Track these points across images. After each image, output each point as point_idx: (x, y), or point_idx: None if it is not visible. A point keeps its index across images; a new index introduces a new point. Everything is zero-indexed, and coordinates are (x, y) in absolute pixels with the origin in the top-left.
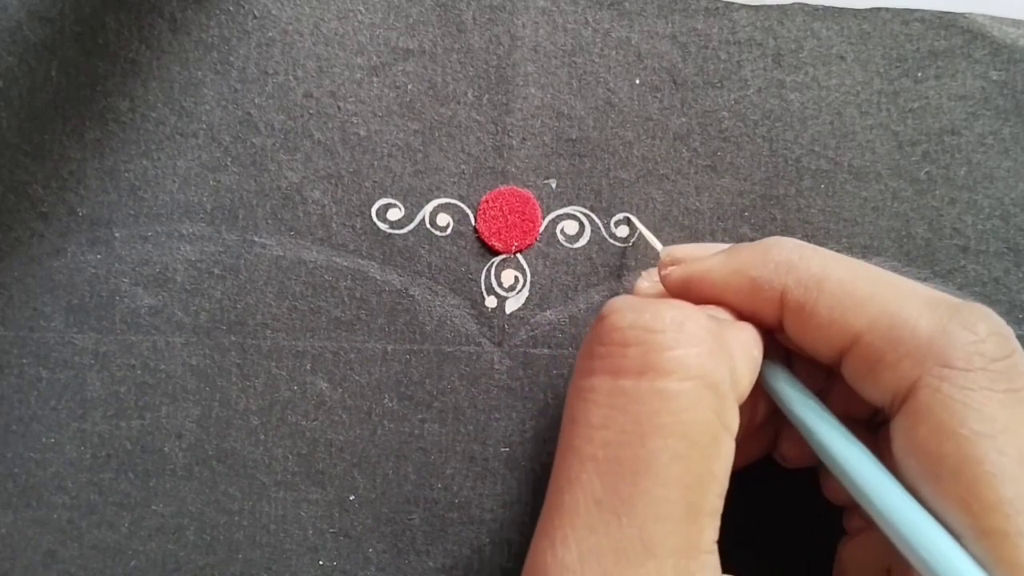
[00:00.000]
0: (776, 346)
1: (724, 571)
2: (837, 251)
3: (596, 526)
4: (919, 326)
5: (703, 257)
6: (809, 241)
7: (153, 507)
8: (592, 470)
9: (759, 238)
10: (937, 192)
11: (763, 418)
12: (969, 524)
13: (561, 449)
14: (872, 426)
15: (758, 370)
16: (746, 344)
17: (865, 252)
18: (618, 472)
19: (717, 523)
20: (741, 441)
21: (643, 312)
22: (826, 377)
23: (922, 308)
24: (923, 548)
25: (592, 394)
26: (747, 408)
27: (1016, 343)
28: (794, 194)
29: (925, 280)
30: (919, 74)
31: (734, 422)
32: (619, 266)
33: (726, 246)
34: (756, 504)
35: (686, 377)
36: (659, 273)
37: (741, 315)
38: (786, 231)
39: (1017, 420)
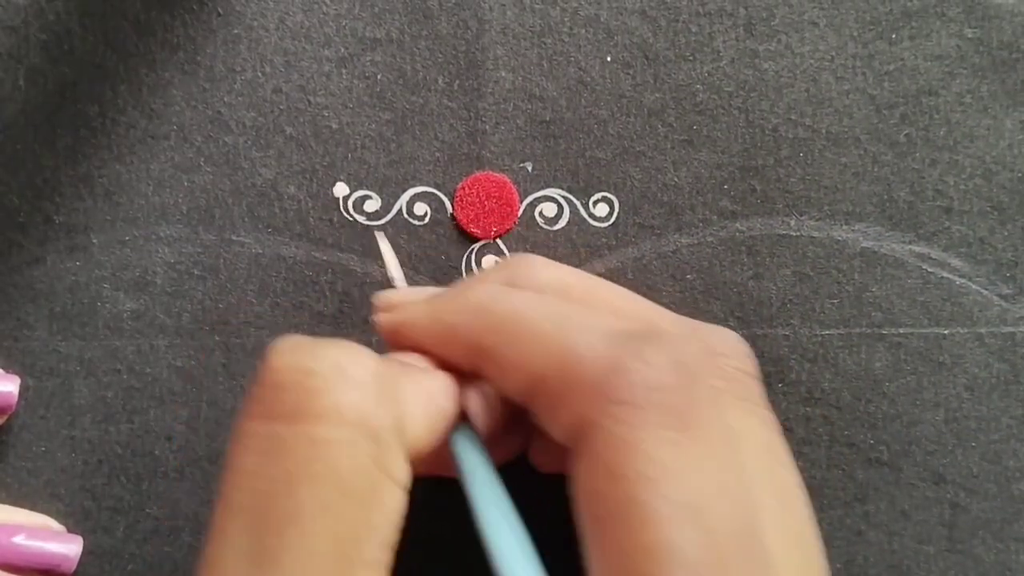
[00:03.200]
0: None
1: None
2: (818, 219)
3: None
4: (594, 360)
5: (410, 302)
6: (791, 210)
7: (147, 510)
8: (241, 522)
9: (739, 211)
10: (917, 154)
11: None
12: (625, 568)
13: (218, 497)
14: None
15: (447, 420)
16: (430, 392)
17: (848, 219)
18: (265, 524)
19: (382, 572)
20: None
21: (303, 353)
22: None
23: (599, 341)
24: None
25: (246, 439)
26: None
27: (700, 368)
28: (773, 164)
29: (909, 244)
30: (893, 36)
31: (400, 472)
32: (599, 246)
33: (436, 290)
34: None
35: (341, 423)
36: (372, 318)
37: (443, 364)
38: (766, 202)
39: (683, 459)
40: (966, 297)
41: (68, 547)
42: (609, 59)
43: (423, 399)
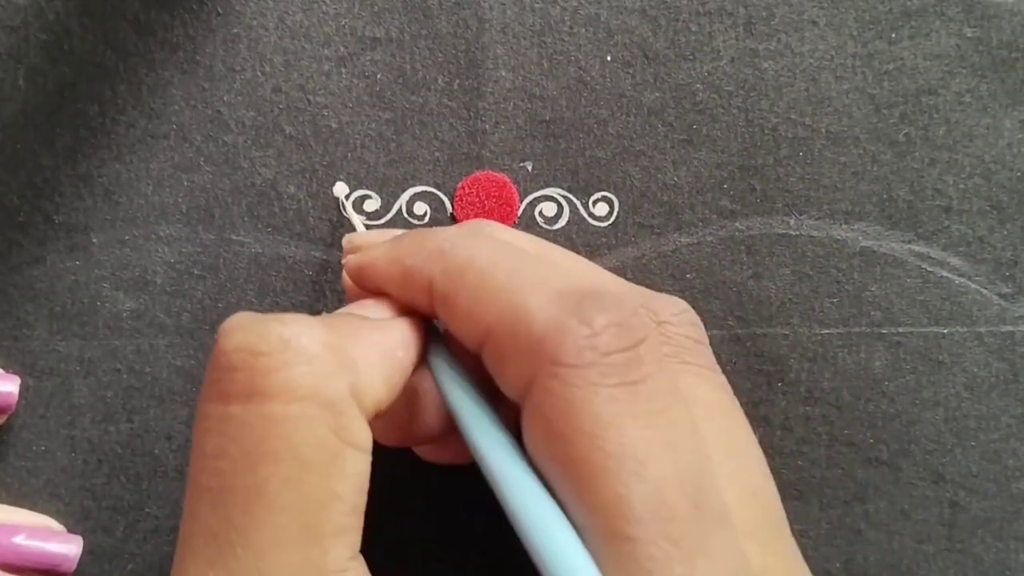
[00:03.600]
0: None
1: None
2: (818, 218)
3: (214, 560)
4: (536, 320)
5: (374, 245)
6: (790, 209)
7: (147, 510)
8: (208, 501)
9: (739, 210)
10: (917, 153)
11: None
12: (588, 527)
13: (187, 480)
14: None
15: (405, 370)
16: (383, 347)
17: (847, 218)
18: (231, 502)
19: (351, 539)
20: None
21: (250, 332)
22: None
23: (547, 300)
24: (543, 549)
25: (205, 422)
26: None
27: (647, 330)
28: (772, 163)
29: (909, 243)
30: (893, 35)
31: (361, 436)
32: (599, 245)
33: (400, 232)
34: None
35: (294, 398)
36: (342, 260)
37: (402, 306)
38: (765, 201)
39: (627, 414)
40: (965, 296)
41: (68, 547)
42: (609, 58)
43: (377, 356)
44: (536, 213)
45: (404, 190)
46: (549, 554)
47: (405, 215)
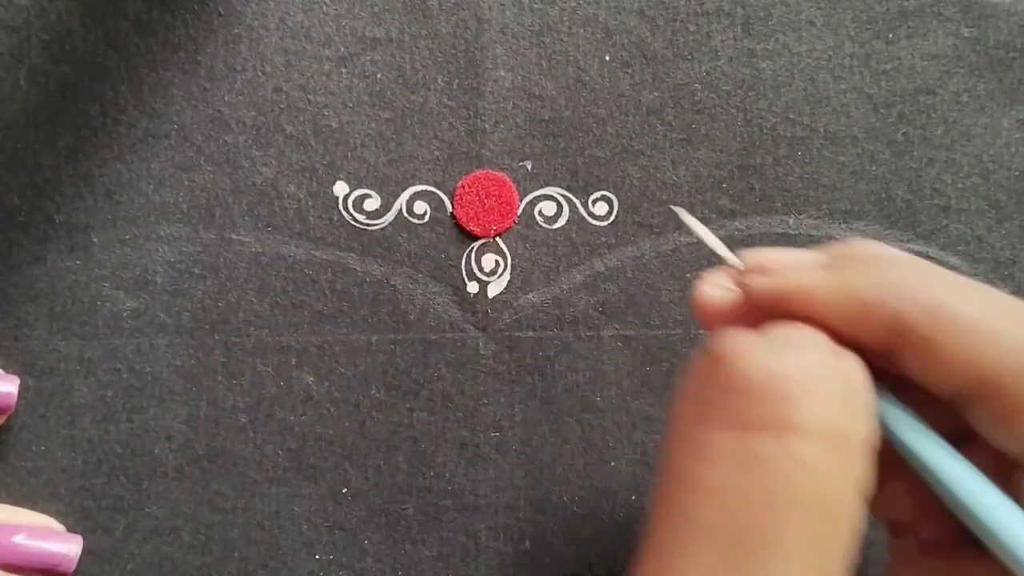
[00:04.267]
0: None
1: None
2: (817, 217)
3: None
4: None
5: (799, 269)
6: (789, 208)
7: (146, 509)
8: (708, 539)
9: (738, 209)
10: (915, 153)
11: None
12: None
13: (666, 509)
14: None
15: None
16: (867, 382)
17: (846, 217)
18: (738, 544)
19: None
20: None
21: (768, 352)
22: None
23: None
24: None
25: (706, 448)
26: None
27: None
28: (771, 163)
29: (908, 242)
30: (890, 35)
31: (867, 481)
32: (599, 245)
33: (816, 255)
34: None
35: (821, 436)
36: (736, 282)
37: (842, 341)
38: (764, 200)
39: None
40: None
41: (68, 547)
42: (608, 58)
43: (865, 393)
44: (536, 212)
45: (404, 189)
46: None
47: (405, 214)
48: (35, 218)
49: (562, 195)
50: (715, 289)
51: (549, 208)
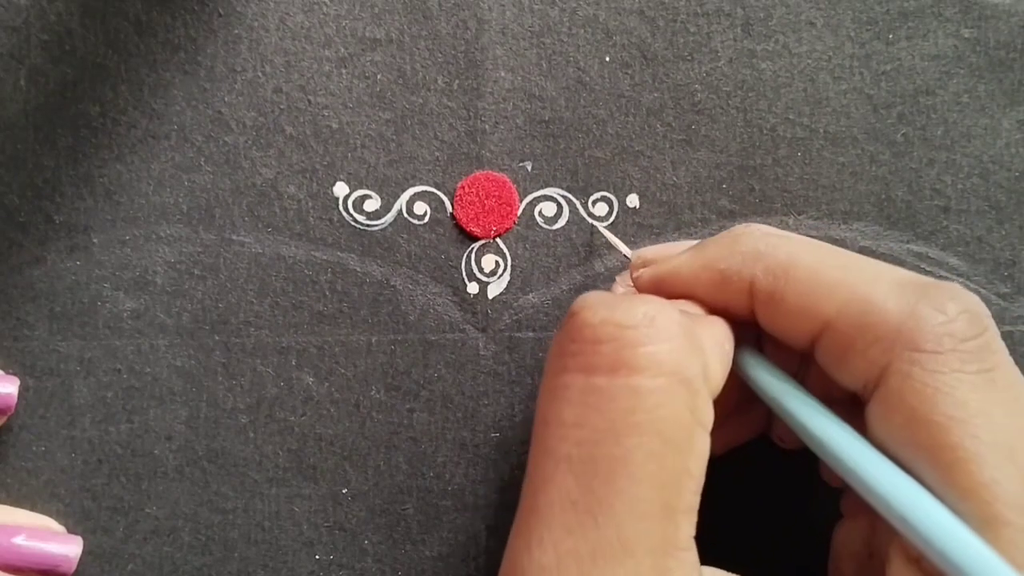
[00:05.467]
0: (747, 335)
1: (720, 558)
2: (816, 218)
3: (572, 527)
4: (887, 309)
5: (672, 256)
6: (789, 209)
7: (147, 510)
8: (567, 470)
9: (738, 210)
10: (915, 154)
11: (735, 405)
12: (968, 511)
13: (535, 449)
14: (851, 406)
15: (730, 363)
16: (717, 338)
17: (846, 218)
18: (593, 471)
19: (694, 519)
20: (717, 428)
21: (615, 308)
22: (800, 360)
23: (890, 291)
24: (927, 528)
25: (565, 392)
26: (720, 396)
27: (989, 321)
28: (771, 163)
29: (907, 243)
30: (890, 36)
31: (708, 417)
32: (599, 246)
33: (692, 243)
34: (754, 487)
35: (659, 373)
36: (631, 276)
37: (712, 308)
38: (764, 201)
39: (990, 401)
40: None
41: (68, 547)
42: (608, 59)
43: (714, 345)
44: (536, 213)
45: (404, 190)
46: (937, 529)
47: (405, 215)
48: (35, 218)
49: (562, 196)
50: (620, 287)
51: (549, 209)
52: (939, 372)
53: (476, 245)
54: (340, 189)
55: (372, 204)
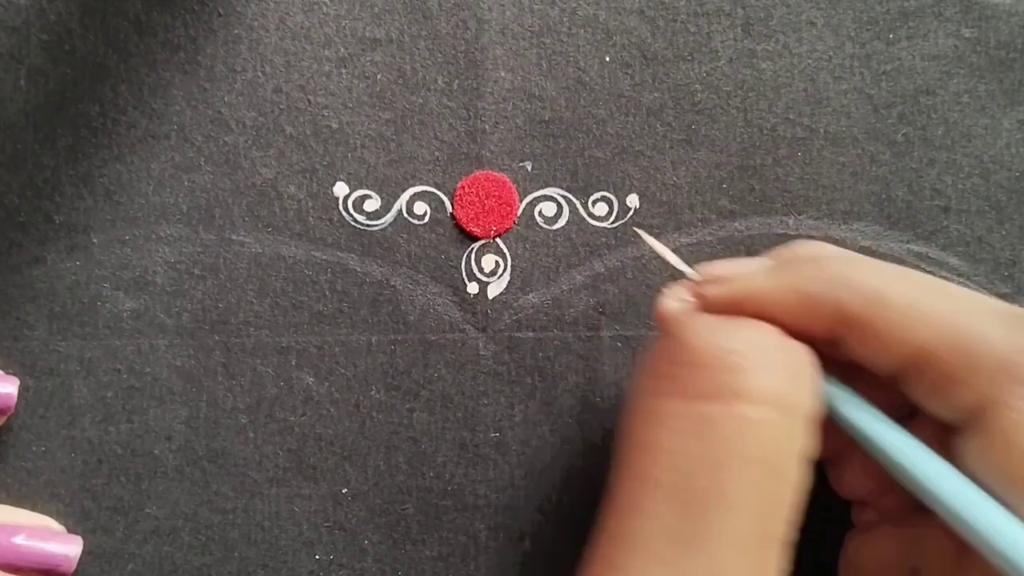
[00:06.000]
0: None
1: None
2: (816, 218)
3: (665, 557)
4: (990, 340)
5: (748, 274)
6: (789, 209)
7: (146, 510)
8: (662, 498)
9: (738, 210)
10: (915, 154)
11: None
12: None
13: (624, 472)
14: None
15: (820, 392)
16: (810, 362)
17: (846, 218)
18: (690, 500)
19: (786, 550)
20: None
21: (717, 331)
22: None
23: (992, 321)
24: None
25: (663, 417)
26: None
27: None
28: (771, 163)
29: (907, 243)
30: (891, 36)
31: (809, 446)
32: (599, 246)
33: (761, 261)
34: None
35: (763, 401)
36: (694, 293)
37: (792, 332)
38: (764, 201)
39: None
40: None
41: (68, 547)
42: (608, 59)
43: (813, 372)
44: (536, 213)
45: (404, 190)
46: None
47: (405, 215)
48: (35, 218)
49: (562, 196)
50: (675, 302)
51: (549, 209)
52: None
53: (476, 245)
54: (340, 189)
55: (372, 204)
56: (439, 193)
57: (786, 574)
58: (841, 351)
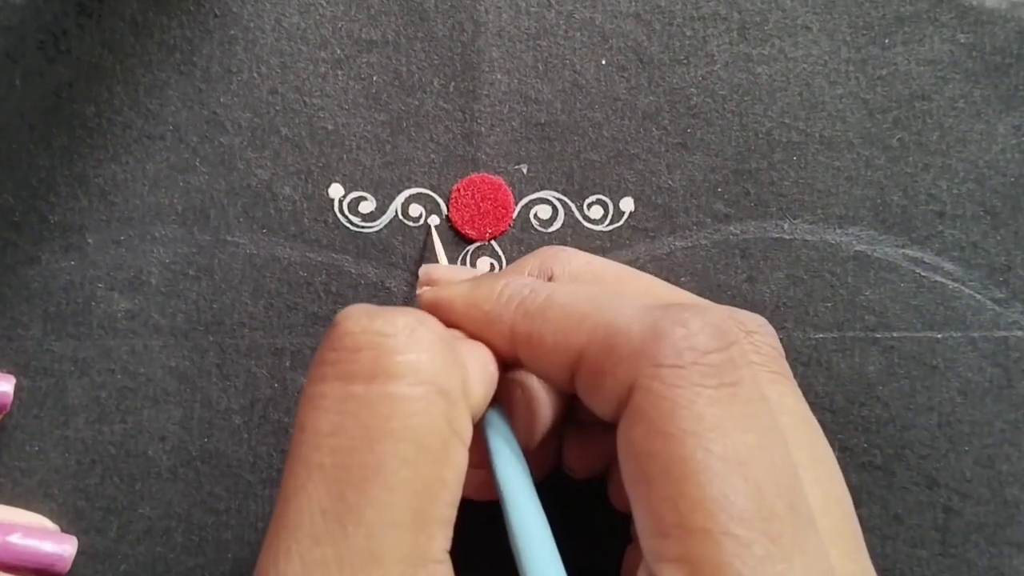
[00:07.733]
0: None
1: None
2: (812, 222)
3: (321, 536)
4: (631, 330)
5: (451, 282)
6: (784, 213)
7: (140, 510)
8: (319, 479)
9: (733, 213)
10: (910, 158)
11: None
12: (675, 523)
13: (290, 458)
14: None
15: (495, 386)
16: (481, 358)
17: (841, 222)
18: (346, 480)
19: (449, 532)
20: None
21: (375, 317)
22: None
23: (635, 313)
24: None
25: (322, 400)
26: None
27: (738, 335)
28: (766, 168)
29: (902, 247)
30: (886, 41)
31: (466, 430)
32: (593, 249)
33: (478, 272)
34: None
35: (417, 381)
36: (416, 289)
37: (489, 347)
38: (759, 205)
39: (728, 416)
40: (959, 301)
41: (63, 547)
42: (604, 62)
43: (478, 364)
44: (531, 216)
45: (399, 192)
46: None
47: (400, 217)
48: (30, 218)
49: (557, 199)
50: (423, 291)
51: (544, 212)
52: (678, 385)
53: (471, 248)
54: (335, 191)
55: (367, 206)
56: (434, 195)
57: (446, 553)
58: (528, 367)
